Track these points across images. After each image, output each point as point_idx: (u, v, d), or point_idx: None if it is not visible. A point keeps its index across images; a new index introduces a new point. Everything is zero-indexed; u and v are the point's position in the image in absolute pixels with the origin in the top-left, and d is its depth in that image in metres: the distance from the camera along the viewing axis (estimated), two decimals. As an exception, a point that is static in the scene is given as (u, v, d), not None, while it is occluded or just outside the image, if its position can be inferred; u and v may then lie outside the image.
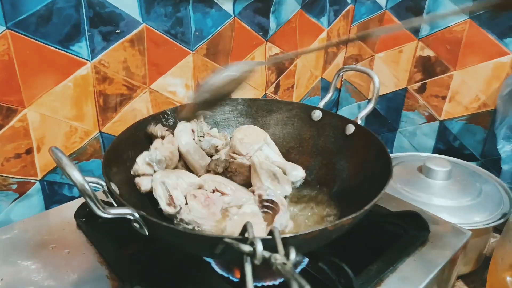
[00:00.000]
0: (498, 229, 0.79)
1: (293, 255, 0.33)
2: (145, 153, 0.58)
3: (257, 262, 0.33)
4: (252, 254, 0.34)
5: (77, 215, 0.59)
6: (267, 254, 0.33)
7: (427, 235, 0.57)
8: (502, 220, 0.77)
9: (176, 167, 0.62)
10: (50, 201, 0.69)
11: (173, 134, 0.64)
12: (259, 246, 0.33)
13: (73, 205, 0.61)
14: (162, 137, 0.62)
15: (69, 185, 0.70)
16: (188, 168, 0.64)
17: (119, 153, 0.56)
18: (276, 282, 0.50)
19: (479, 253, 0.82)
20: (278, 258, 0.33)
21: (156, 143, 0.61)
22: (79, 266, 0.51)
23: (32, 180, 0.66)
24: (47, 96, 0.63)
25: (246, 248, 0.34)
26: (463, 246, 0.58)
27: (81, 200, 0.62)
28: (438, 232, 0.59)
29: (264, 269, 0.37)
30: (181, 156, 0.63)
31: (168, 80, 0.77)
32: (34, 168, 0.65)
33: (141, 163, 0.57)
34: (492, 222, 0.77)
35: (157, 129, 0.62)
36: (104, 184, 0.45)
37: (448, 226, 0.60)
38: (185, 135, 0.64)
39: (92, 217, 0.58)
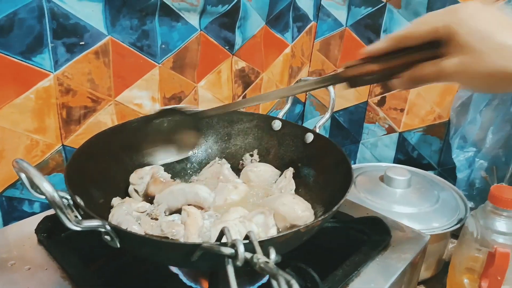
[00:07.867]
0: (455, 235, 0.82)
1: (273, 254, 0.34)
2: None
3: (239, 263, 0.34)
4: (234, 256, 0.34)
5: (38, 230, 0.57)
6: (248, 255, 0.34)
7: (388, 239, 0.59)
8: (458, 225, 0.81)
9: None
10: (9, 217, 0.66)
11: None
12: (241, 248, 0.34)
13: (33, 221, 0.59)
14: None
15: (29, 200, 0.68)
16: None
17: (82, 165, 0.54)
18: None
19: (439, 258, 0.86)
20: (260, 257, 0.34)
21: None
22: (41, 283, 0.49)
23: (-11, 196, 0.63)
24: (7, 108, 0.61)
25: (228, 250, 0.35)
26: (423, 250, 0.60)
27: (42, 215, 0.60)
28: (399, 237, 0.61)
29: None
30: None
31: (134, 93, 0.77)
32: (-8, 183, 0.63)
33: None
34: (450, 227, 0.81)
35: None
36: (68, 197, 0.44)
37: (408, 231, 0.63)
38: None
39: (55, 231, 0.56)
